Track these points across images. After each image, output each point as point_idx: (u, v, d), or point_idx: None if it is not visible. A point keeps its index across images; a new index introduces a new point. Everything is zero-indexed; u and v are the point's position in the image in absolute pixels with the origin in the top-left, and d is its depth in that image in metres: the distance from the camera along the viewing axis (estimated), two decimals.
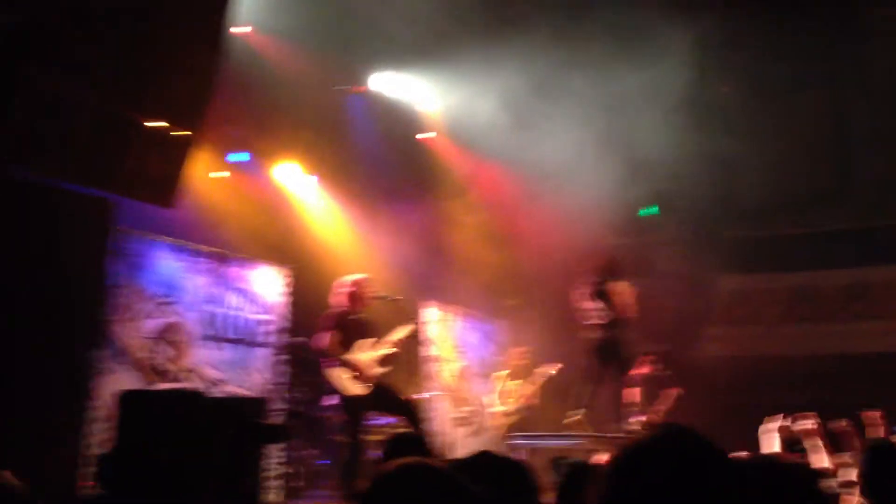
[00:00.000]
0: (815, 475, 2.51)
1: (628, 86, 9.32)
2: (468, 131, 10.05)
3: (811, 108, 12.60)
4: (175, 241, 7.40)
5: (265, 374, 7.99)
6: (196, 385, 7.24)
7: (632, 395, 8.65)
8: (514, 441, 8.07)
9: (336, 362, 6.57)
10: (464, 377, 10.40)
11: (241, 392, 7.66)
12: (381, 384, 6.67)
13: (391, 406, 7.01)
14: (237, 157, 9.11)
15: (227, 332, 7.75)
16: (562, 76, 9.13)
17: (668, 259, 12.43)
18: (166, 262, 7.28)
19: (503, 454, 2.40)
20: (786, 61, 11.41)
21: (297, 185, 9.85)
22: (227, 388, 7.57)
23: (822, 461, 4.69)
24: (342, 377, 6.52)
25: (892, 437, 5.33)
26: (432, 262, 10.46)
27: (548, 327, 11.19)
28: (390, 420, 8.43)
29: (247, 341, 7.92)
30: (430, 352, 9.43)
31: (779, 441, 5.01)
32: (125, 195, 6.51)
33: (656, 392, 9.60)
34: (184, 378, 7.20)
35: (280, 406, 8.00)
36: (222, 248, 7.96)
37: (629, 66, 9.11)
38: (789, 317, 12.89)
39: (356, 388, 6.50)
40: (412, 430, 6.46)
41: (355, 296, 6.80)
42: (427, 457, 1.54)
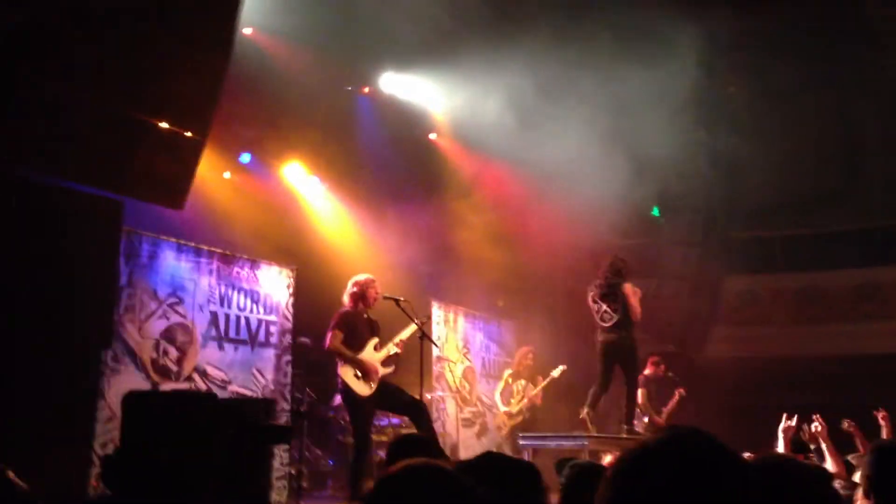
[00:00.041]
0: (829, 477, 2.49)
1: (635, 86, 9.29)
2: (474, 132, 10.03)
3: (818, 109, 12.55)
4: (182, 241, 7.42)
5: (271, 375, 8.00)
6: (201, 386, 7.26)
7: (638, 397, 8.64)
8: (519, 441, 8.06)
9: (342, 362, 6.57)
10: (469, 378, 10.40)
11: (247, 393, 7.67)
12: (388, 384, 6.67)
13: (397, 406, 7.01)
14: (242, 158, 9.16)
15: (232, 333, 7.76)
16: (568, 76, 9.10)
17: (676, 260, 12.42)
18: (173, 263, 7.30)
19: (509, 455, 2.39)
20: (792, 62, 11.36)
21: (304, 186, 9.86)
22: (233, 388, 7.58)
23: (831, 462, 4.68)
24: (349, 377, 6.51)
25: None
26: (438, 262, 10.46)
27: (553, 328, 11.18)
28: (396, 420, 8.44)
29: (253, 342, 7.94)
30: (436, 352, 9.42)
31: (782, 442, 5.00)
32: (133, 196, 6.54)
33: (662, 393, 9.58)
34: (190, 379, 7.21)
35: (285, 406, 8.00)
36: (229, 249, 7.97)
37: (636, 67, 9.08)
38: (797, 317, 12.83)
39: (362, 388, 6.49)
40: (417, 431, 6.45)
41: (361, 296, 6.79)
42: (432, 458, 1.53)
